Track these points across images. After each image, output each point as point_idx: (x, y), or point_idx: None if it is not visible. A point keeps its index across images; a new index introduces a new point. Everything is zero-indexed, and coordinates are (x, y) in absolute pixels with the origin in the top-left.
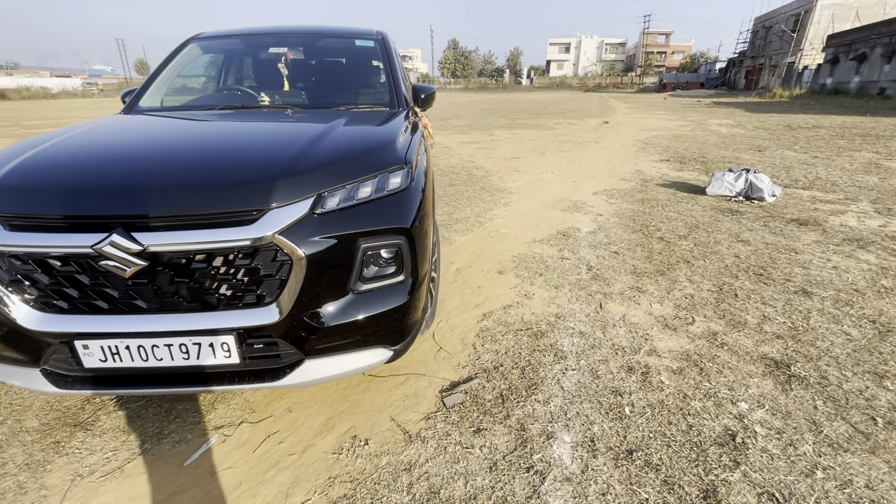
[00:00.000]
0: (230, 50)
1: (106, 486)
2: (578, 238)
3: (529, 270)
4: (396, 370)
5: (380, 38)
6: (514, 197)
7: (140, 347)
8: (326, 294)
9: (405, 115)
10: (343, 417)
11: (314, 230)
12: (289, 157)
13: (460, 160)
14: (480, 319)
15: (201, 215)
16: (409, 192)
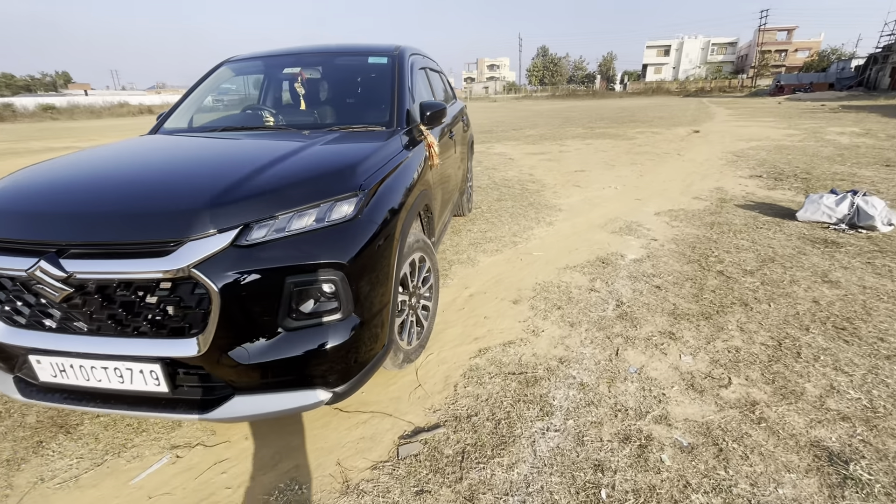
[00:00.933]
0: (256, 71)
1: (58, 494)
2: (619, 267)
3: (548, 302)
4: (364, 405)
5: (395, 54)
6: (561, 215)
7: (81, 367)
8: (251, 329)
9: (402, 134)
10: (292, 454)
11: (234, 263)
12: (219, 187)
13: (518, 173)
14: (474, 356)
15: (121, 245)
16: (355, 223)
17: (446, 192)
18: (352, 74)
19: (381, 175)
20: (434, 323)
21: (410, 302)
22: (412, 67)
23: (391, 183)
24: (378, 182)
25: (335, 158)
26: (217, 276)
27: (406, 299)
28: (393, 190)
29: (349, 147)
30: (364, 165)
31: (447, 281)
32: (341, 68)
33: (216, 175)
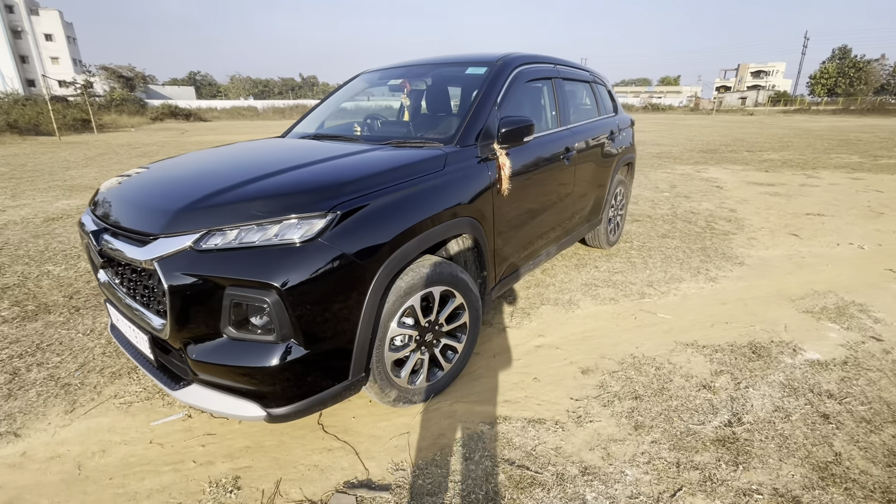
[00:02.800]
0: (382, 83)
1: (114, 410)
2: (777, 365)
3: (627, 384)
4: (343, 432)
5: (497, 64)
6: (739, 271)
7: (120, 320)
8: (197, 328)
9: (458, 152)
10: (255, 455)
11: (187, 265)
12: (199, 193)
13: (716, 206)
14: (486, 422)
15: (125, 230)
16: (310, 246)
17: (538, 222)
18: (448, 86)
19: (377, 197)
20: (464, 367)
21: (424, 338)
22: (514, 80)
23: (390, 206)
24: (364, 205)
25: (318, 176)
26: (170, 272)
27: (414, 335)
28: (390, 214)
29: (350, 163)
30: (350, 187)
31: (523, 322)
32: (443, 79)
33: (208, 182)
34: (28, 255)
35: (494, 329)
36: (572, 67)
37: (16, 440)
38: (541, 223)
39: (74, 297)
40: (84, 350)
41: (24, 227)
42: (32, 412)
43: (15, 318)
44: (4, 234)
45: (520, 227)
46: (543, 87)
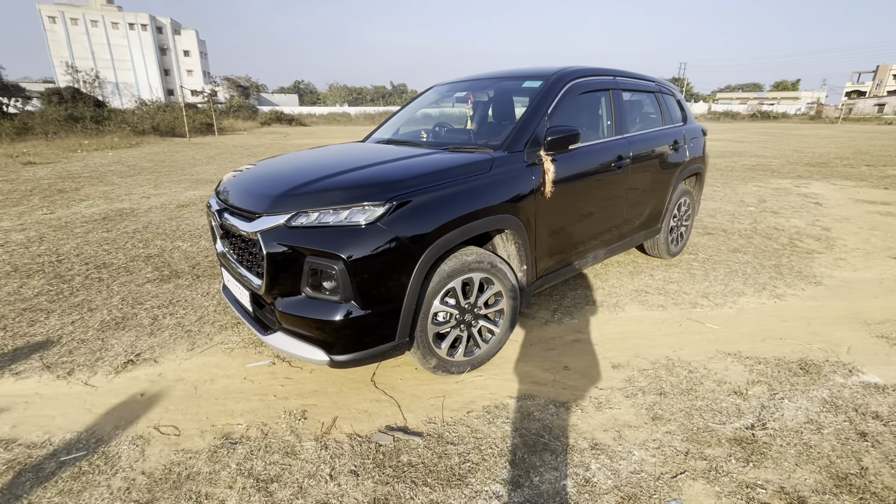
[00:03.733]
0: (446, 94)
1: (222, 353)
2: (825, 382)
3: (655, 382)
4: (391, 389)
5: (552, 78)
6: (812, 291)
7: (230, 280)
8: (285, 287)
9: (505, 157)
10: (319, 398)
11: (281, 237)
12: (293, 183)
13: (807, 223)
14: (513, 396)
15: (239, 209)
16: (371, 228)
17: (584, 225)
18: (506, 98)
19: (426, 192)
20: (502, 349)
21: (463, 318)
22: (567, 92)
23: (437, 201)
24: (415, 198)
25: (380, 174)
26: (268, 242)
27: (455, 313)
28: (436, 207)
29: (407, 165)
30: (405, 183)
31: (564, 319)
32: (503, 92)
33: (298, 176)
34: (164, 233)
35: (536, 322)
36: (634, 78)
37: (155, 364)
38: (587, 226)
39: (196, 268)
40: (201, 307)
41: (162, 211)
42: (166, 347)
43: (155, 279)
44: (149, 215)
45: (563, 228)
46: (601, 97)
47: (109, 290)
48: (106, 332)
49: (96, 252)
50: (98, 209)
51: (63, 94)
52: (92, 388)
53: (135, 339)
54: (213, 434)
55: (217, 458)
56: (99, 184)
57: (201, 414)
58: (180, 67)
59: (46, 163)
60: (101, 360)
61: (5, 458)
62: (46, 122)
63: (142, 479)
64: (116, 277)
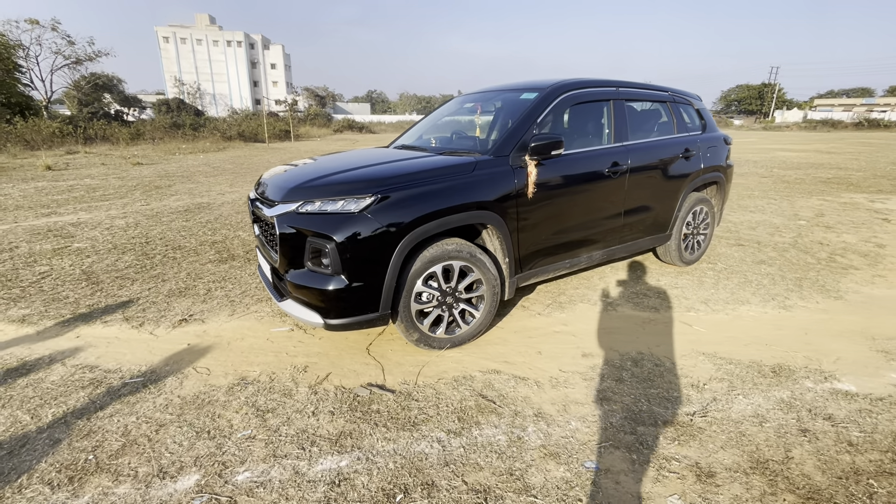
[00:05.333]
0: (462, 104)
1: (252, 319)
2: (793, 385)
3: (616, 372)
4: (381, 356)
5: (546, 91)
6: (828, 304)
7: (260, 258)
8: (293, 260)
9: (488, 161)
10: (321, 358)
11: (291, 220)
12: (307, 178)
13: (863, 239)
14: (482, 370)
15: (264, 199)
16: (357, 216)
17: (573, 227)
18: (507, 108)
19: (407, 188)
20: (486, 334)
21: (445, 300)
22: (560, 103)
23: (417, 196)
24: (396, 193)
25: (371, 173)
26: (281, 224)
27: (436, 295)
28: (415, 201)
29: (397, 166)
30: (389, 180)
31: (554, 312)
32: (506, 102)
33: (311, 173)
34: (230, 223)
35: (527, 313)
36: (642, 89)
37: (202, 324)
38: (578, 228)
39: (248, 253)
40: (246, 284)
41: (232, 206)
42: (213, 311)
43: (216, 260)
44: (221, 209)
45: (548, 228)
46: (601, 107)
47: (179, 266)
48: (171, 297)
49: (175, 237)
50: (182, 202)
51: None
52: (155, 337)
53: (191, 304)
54: (234, 376)
55: (232, 392)
56: (187, 182)
57: (228, 362)
58: (267, 79)
59: (150, 163)
60: (164, 317)
61: (90, 377)
62: (154, 129)
63: (177, 399)
64: (186, 257)
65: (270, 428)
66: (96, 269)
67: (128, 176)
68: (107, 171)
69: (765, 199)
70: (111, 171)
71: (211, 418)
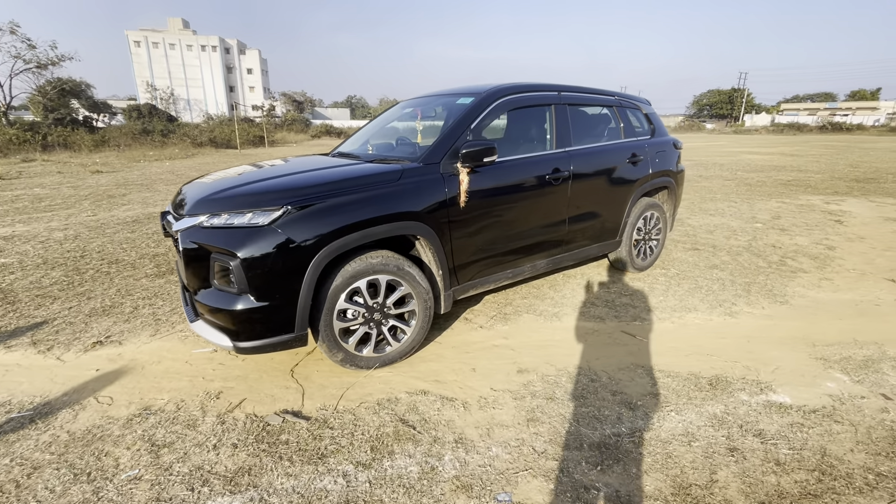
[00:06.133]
0: (405, 110)
1: (175, 339)
2: (728, 398)
3: (548, 389)
4: (303, 378)
5: (482, 95)
6: (773, 310)
7: (178, 273)
8: (200, 279)
9: (418, 169)
10: (240, 381)
11: (194, 235)
12: (216, 189)
13: (815, 241)
14: (409, 391)
15: (172, 211)
16: (264, 229)
17: (512, 236)
18: (443, 114)
19: (323, 199)
20: (415, 348)
21: (372, 316)
22: (495, 108)
23: (334, 207)
24: (311, 204)
25: (285, 183)
26: (185, 240)
27: (362, 311)
28: (332, 213)
29: (317, 175)
30: (304, 191)
31: (496, 325)
32: (445, 108)
33: (223, 183)
34: None
35: (468, 326)
36: (585, 93)
37: (119, 346)
38: (516, 237)
39: None
40: (177, 300)
41: None
42: (134, 331)
43: (153, 275)
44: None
45: (485, 238)
46: (541, 112)
47: (111, 282)
48: (92, 317)
49: (115, 250)
50: (133, 212)
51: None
52: (61, 363)
53: (112, 323)
54: (138, 405)
55: (130, 425)
56: (145, 191)
57: (137, 389)
58: (243, 84)
59: (111, 171)
60: (78, 339)
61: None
62: (120, 136)
63: (65, 436)
64: (122, 272)
65: (162, 466)
66: (16, 287)
67: (82, 185)
68: (61, 180)
69: (726, 202)
70: (66, 179)
71: (96, 457)
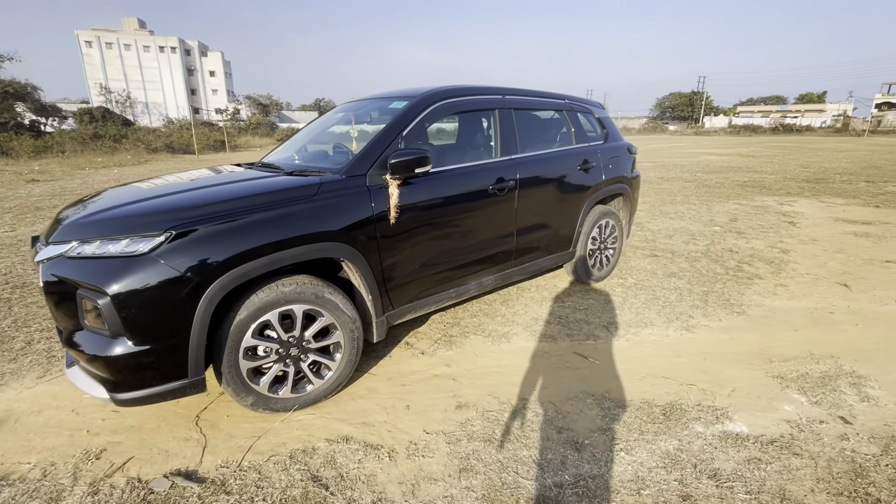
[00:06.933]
0: (341, 114)
1: (66, 382)
2: (683, 430)
3: (488, 429)
4: (208, 427)
5: (416, 99)
6: (730, 321)
7: None
8: (69, 319)
9: (334, 183)
10: (132, 433)
11: (56, 266)
12: (90, 210)
13: (770, 245)
14: (330, 438)
15: (42, 238)
16: (142, 259)
17: (454, 252)
18: (377, 120)
19: (219, 220)
20: (342, 384)
21: (288, 352)
22: (431, 113)
23: (232, 229)
24: (203, 226)
25: (171, 203)
26: (46, 272)
27: (275, 348)
28: (230, 236)
29: (213, 192)
30: (193, 211)
31: (439, 350)
32: (379, 112)
33: (99, 205)
34: None
35: (408, 352)
36: (532, 97)
37: None
38: (458, 254)
39: None
40: None
41: None
42: (18, 373)
43: None
44: None
45: (422, 256)
46: (484, 117)
47: (10, 310)
48: None
49: (25, 271)
50: None
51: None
52: None
53: None
54: None
55: None
56: None
57: (2, 449)
58: (206, 87)
59: (49, 180)
60: None
61: None
62: (64, 141)
63: None
64: (25, 298)
65: None
66: None
67: (11, 196)
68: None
69: (685, 205)
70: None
71: None
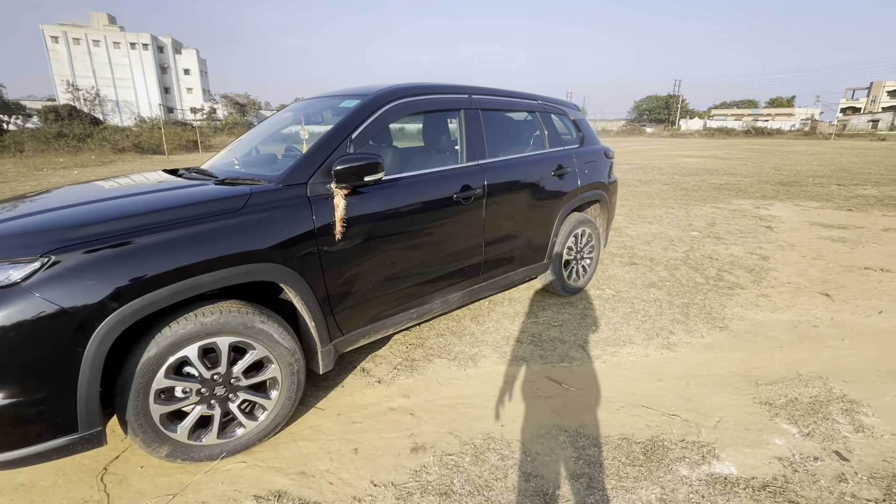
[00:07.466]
0: (292, 115)
1: None
2: (666, 473)
3: (445, 478)
4: (120, 484)
5: (369, 98)
6: (713, 337)
7: None
8: None
9: (266, 193)
10: (21, 493)
11: None
12: None
13: (749, 251)
14: (260, 495)
15: None
16: (11, 291)
17: (412, 269)
18: (328, 121)
19: (113, 241)
20: (280, 424)
21: (213, 392)
22: (384, 114)
23: (131, 252)
24: (91, 249)
25: (47, 220)
26: None
27: (195, 388)
28: (123, 263)
29: (105, 206)
30: (80, 231)
31: (398, 377)
32: (331, 113)
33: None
34: None
35: (364, 381)
36: (501, 97)
37: None
38: (417, 270)
39: None
40: None
41: None
42: None
43: None
44: None
45: (375, 275)
46: (448, 119)
47: None
48: None
49: None
50: None
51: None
52: None
53: None
54: None
55: None
56: None
57: None
58: (180, 86)
59: (1, 182)
60: None
61: None
62: (26, 140)
63: None
64: None
65: None
66: None
67: None
68: None
69: (664, 209)
70: None
71: None
